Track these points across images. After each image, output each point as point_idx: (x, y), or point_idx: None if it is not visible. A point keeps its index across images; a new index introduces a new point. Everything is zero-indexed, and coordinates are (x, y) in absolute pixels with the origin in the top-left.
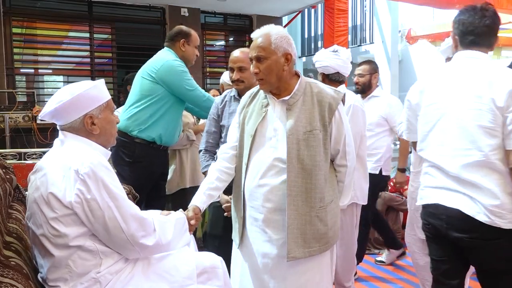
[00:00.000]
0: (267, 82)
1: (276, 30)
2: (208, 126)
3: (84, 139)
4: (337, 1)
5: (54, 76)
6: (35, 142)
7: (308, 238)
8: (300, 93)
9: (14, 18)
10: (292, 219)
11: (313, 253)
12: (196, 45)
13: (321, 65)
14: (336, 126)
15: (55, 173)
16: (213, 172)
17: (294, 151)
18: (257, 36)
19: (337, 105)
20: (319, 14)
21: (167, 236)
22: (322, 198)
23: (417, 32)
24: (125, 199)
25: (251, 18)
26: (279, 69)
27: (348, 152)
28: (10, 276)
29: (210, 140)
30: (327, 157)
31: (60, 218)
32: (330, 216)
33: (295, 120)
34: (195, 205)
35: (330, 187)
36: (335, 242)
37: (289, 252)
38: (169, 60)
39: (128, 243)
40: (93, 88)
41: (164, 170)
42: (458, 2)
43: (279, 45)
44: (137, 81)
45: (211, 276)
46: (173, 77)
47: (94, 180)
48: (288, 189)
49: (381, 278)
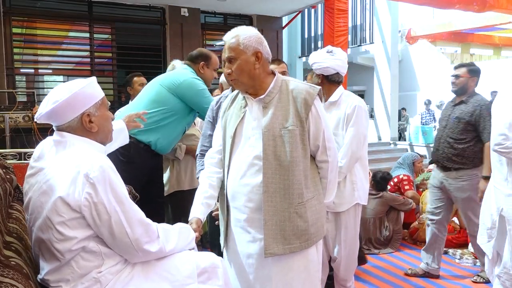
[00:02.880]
0: (239, 82)
1: (245, 30)
2: (204, 129)
3: (84, 138)
4: (337, 1)
5: (54, 76)
6: (35, 142)
7: (288, 235)
8: (276, 90)
9: (14, 18)
10: (270, 216)
11: (294, 249)
12: (215, 68)
13: (320, 67)
14: (313, 121)
15: (63, 177)
16: (205, 181)
17: (270, 148)
18: (227, 38)
19: (312, 100)
20: (319, 14)
21: (170, 244)
22: (300, 194)
23: (417, 32)
24: (131, 203)
25: (251, 18)
26: (250, 68)
27: (329, 147)
28: (10, 276)
29: (206, 144)
30: (306, 153)
31: (67, 222)
32: (311, 213)
33: (270, 117)
34: (197, 217)
35: (311, 184)
36: (319, 239)
37: (266, 248)
38: (191, 78)
39: (131, 247)
40: (88, 86)
41: (153, 177)
42: (458, 2)
43: (247, 45)
44: (154, 88)
45: (211, 275)
46: (194, 93)
47: (103, 183)
48: (264, 186)
49: (381, 278)
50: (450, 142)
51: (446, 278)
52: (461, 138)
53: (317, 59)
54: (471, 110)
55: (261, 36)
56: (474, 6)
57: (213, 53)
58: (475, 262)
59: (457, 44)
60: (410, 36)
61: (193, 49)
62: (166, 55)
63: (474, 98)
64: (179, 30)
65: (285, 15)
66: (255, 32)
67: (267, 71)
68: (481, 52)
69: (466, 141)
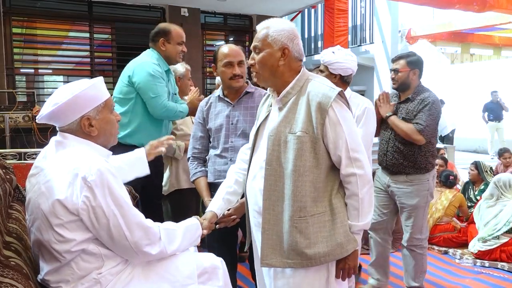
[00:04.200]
0: (260, 76)
1: (278, 23)
2: (194, 131)
3: (85, 140)
4: (337, 1)
5: (54, 76)
6: (35, 142)
7: (287, 249)
8: (295, 91)
9: (14, 18)
10: (270, 225)
11: (293, 265)
12: (178, 42)
13: (342, 67)
14: (332, 128)
15: (61, 179)
16: (232, 176)
17: (275, 153)
18: (259, 28)
19: (328, 104)
20: (319, 14)
21: (174, 245)
22: (302, 208)
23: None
24: (130, 207)
25: (251, 18)
26: (273, 63)
27: (356, 158)
28: (10, 276)
29: (198, 146)
30: (319, 163)
31: (66, 224)
32: (315, 230)
33: (280, 120)
34: (213, 212)
35: (325, 198)
36: (328, 260)
37: (263, 258)
38: (144, 62)
39: (131, 250)
40: (91, 88)
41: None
42: (458, 2)
43: (276, 39)
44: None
45: (211, 276)
46: (141, 79)
47: (101, 187)
48: (265, 193)
49: None
50: (401, 147)
51: (446, 278)
52: (409, 142)
53: (338, 58)
54: (418, 108)
55: (295, 32)
56: (474, 6)
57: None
58: (475, 262)
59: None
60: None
61: (193, 49)
62: None
63: (422, 95)
64: None
65: (285, 15)
66: (289, 27)
67: (294, 70)
68: (481, 52)
69: (415, 146)
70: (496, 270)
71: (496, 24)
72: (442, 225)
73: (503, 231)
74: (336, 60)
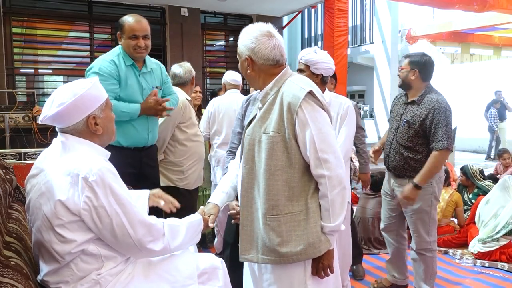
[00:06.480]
0: (247, 81)
1: (243, 35)
2: (234, 126)
3: (87, 141)
4: (337, 1)
5: (54, 76)
6: (35, 142)
7: (262, 245)
8: (274, 92)
9: (14, 18)
10: (248, 221)
11: (268, 262)
12: (130, 36)
13: (326, 67)
14: (301, 128)
15: (62, 180)
16: (233, 169)
17: (250, 153)
18: None
19: (297, 104)
20: (319, 14)
21: (177, 241)
22: (275, 206)
23: (417, 32)
24: (132, 205)
25: (251, 18)
26: (245, 72)
27: (325, 159)
28: (10, 276)
29: (235, 141)
30: (292, 163)
31: (66, 224)
32: (288, 228)
33: (257, 120)
34: (216, 204)
35: (300, 197)
36: (300, 259)
37: (241, 252)
38: (98, 59)
39: (135, 247)
40: (93, 88)
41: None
42: (458, 2)
43: (241, 50)
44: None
45: (211, 276)
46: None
47: (102, 187)
48: (242, 191)
49: (380, 278)
50: (402, 151)
51: (446, 278)
52: (411, 146)
53: (323, 58)
54: (423, 114)
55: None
56: (474, 6)
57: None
58: (475, 262)
59: (457, 44)
60: (410, 36)
61: (193, 49)
62: (166, 55)
63: (427, 98)
64: (179, 30)
65: (285, 15)
66: (252, 36)
67: (269, 74)
68: (481, 52)
69: (419, 151)
70: (496, 270)
71: (496, 24)
72: (442, 227)
73: (502, 234)
74: (321, 60)
